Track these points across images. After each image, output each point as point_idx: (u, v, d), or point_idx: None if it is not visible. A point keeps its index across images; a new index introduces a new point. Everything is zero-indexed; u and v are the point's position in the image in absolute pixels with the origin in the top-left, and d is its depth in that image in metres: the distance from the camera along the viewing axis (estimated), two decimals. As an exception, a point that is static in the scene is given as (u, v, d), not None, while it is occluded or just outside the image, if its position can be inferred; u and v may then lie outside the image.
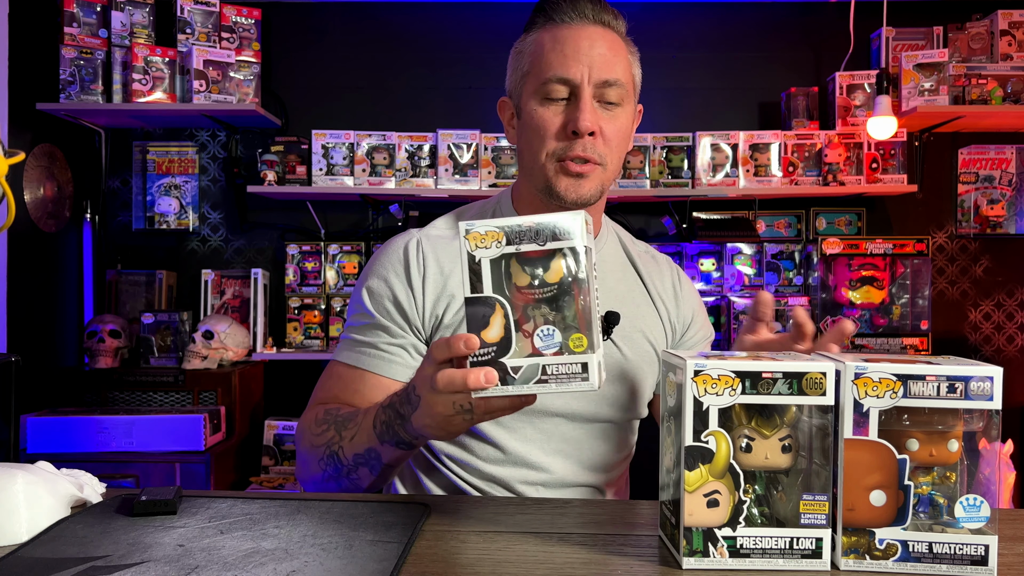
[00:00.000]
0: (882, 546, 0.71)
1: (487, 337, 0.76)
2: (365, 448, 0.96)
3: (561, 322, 0.74)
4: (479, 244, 0.75)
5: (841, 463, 0.71)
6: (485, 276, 0.76)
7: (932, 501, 0.72)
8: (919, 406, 0.70)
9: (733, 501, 0.71)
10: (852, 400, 0.70)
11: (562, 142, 1.06)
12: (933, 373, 0.70)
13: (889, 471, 0.70)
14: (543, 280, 0.75)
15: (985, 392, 0.70)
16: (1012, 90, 2.78)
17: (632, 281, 1.21)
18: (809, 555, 0.71)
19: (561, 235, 0.74)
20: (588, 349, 0.74)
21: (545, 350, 0.75)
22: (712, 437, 0.70)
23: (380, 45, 3.03)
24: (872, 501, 0.71)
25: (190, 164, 3.00)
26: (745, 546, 0.71)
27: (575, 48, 1.05)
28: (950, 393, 0.70)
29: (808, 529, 0.71)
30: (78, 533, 0.78)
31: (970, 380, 0.70)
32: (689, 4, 3.02)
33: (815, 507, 0.71)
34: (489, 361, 0.76)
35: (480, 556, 0.75)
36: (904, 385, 0.70)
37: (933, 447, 0.71)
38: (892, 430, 0.71)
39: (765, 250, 2.95)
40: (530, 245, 0.74)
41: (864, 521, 0.71)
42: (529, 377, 0.75)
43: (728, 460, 0.70)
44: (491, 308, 0.76)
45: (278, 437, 2.85)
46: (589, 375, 0.74)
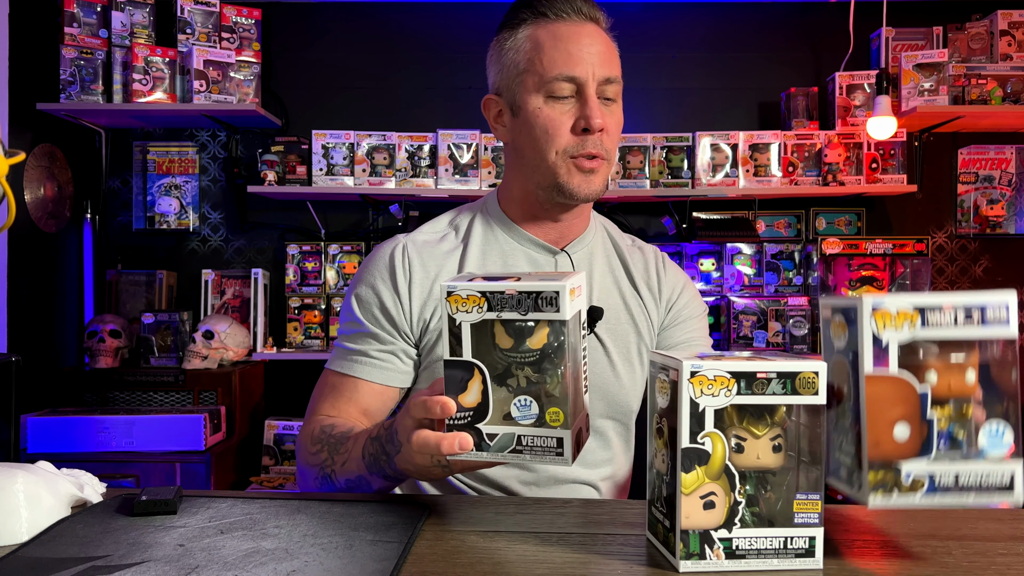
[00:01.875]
0: (908, 481, 0.70)
1: (464, 401, 0.76)
2: (356, 475, 0.97)
3: (540, 392, 0.74)
4: (460, 307, 0.74)
5: (863, 398, 0.70)
6: (465, 339, 0.75)
7: (951, 436, 0.71)
8: (937, 336, 0.70)
9: (729, 502, 0.71)
10: (871, 334, 0.69)
11: (575, 140, 1.08)
12: (950, 303, 0.70)
13: (911, 404, 0.70)
14: (526, 346, 0.74)
15: (1001, 318, 0.70)
16: (1012, 90, 2.78)
17: (618, 273, 1.22)
18: (803, 554, 0.72)
19: (544, 307, 0.73)
20: (564, 425, 0.73)
21: (522, 420, 0.74)
22: (708, 439, 0.70)
23: (380, 45, 3.03)
24: (896, 436, 0.70)
25: (190, 164, 3.00)
26: (741, 547, 0.71)
27: (578, 46, 1.07)
28: (967, 320, 0.70)
29: (802, 528, 0.71)
30: (78, 533, 0.78)
31: (986, 308, 0.70)
32: (689, 4, 3.02)
33: (808, 506, 0.71)
34: (465, 425, 0.76)
35: (480, 556, 0.75)
36: (922, 316, 0.70)
37: (951, 379, 0.71)
38: (914, 361, 0.70)
39: (765, 250, 2.95)
40: (511, 313, 0.73)
41: (889, 455, 0.70)
42: (504, 446, 0.75)
43: (724, 461, 0.70)
44: (469, 373, 0.75)
45: (278, 437, 2.85)
46: (564, 451, 0.73)
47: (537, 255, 1.16)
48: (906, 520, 0.87)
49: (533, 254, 1.16)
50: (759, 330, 2.84)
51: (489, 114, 1.16)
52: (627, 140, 2.84)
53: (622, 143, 2.84)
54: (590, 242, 1.20)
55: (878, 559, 0.76)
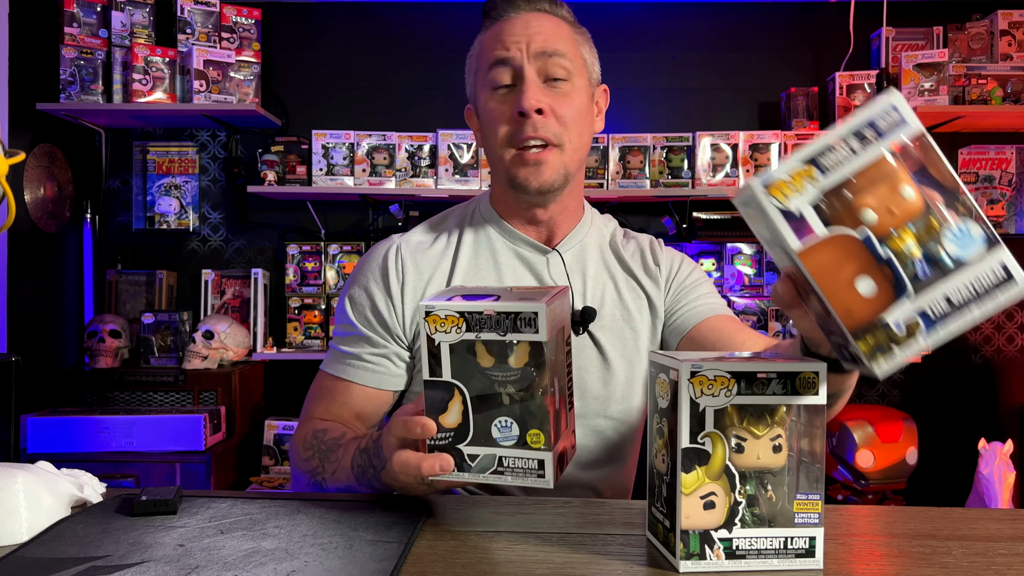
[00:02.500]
0: (901, 329, 0.62)
1: (445, 422, 0.75)
2: (345, 484, 0.97)
3: (522, 413, 0.73)
4: (438, 327, 0.74)
5: (809, 276, 0.63)
6: (444, 360, 0.74)
7: (929, 258, 0.62)
8: (847, 174, 0.62)
9: (729, 503, 0.71)
10: (776, 209, 0.62)
11: (511, 126, 1.06)
12: (836, 137, 0.62)
13: (859, 255, 0.62)
14: (508, 365, 0.73)
15: (895, 120, 0.63)
16: (1012, 90, 2.78)
17: (614, 269, 1.19)
18: (803, 554, 0.71)
19: (522, 327, 0.72)
20: (545, 447, 0.73)
21: (503, 441, 0.74)
22: (708, 439, 0.70)
23: (380, 45, 3.03)
24: (862, 293, 0.62)
25: (190, 164, 3.00)
26: (741, 547, 0.71)
27: (511, 32, 1.06)
28: (864, 142, 0.62)
29: (802, 528, 0.71)
30: (78, 533, 0.78)
31: (874, 121, 0.63)
32: (689, 4, 3.02)
33: (808, 506, 0.71)
34: (447, 446, 0.76)
35: (480, 556, 0.75)
36: (815, 164, 0.62)
37: (889, 204, 0.62)
38: (842, 213, 0.63)
39: (765, 250, 2.94)
40: (490, 334, 0.73)
41: (868, 316, 0.62)
42: (485, 467, 0.75)
43: (724, 461, 0.70)
44: (449, 393, 0.75)
45: (278, 437, 2.85)
46: (545, 473, 0.73)
47: (529, 254, 1.15)
48: (906, 520, 0.87)
49: (525, 253, 1.15)
50: (759, 330, 2.84)
51: (472, 125, 1.19)
52: (627, 140, 2.84)
53: (622, 143, 2.84)
54: (583, 239, 1.18)
55: (878, 559, 0.76)
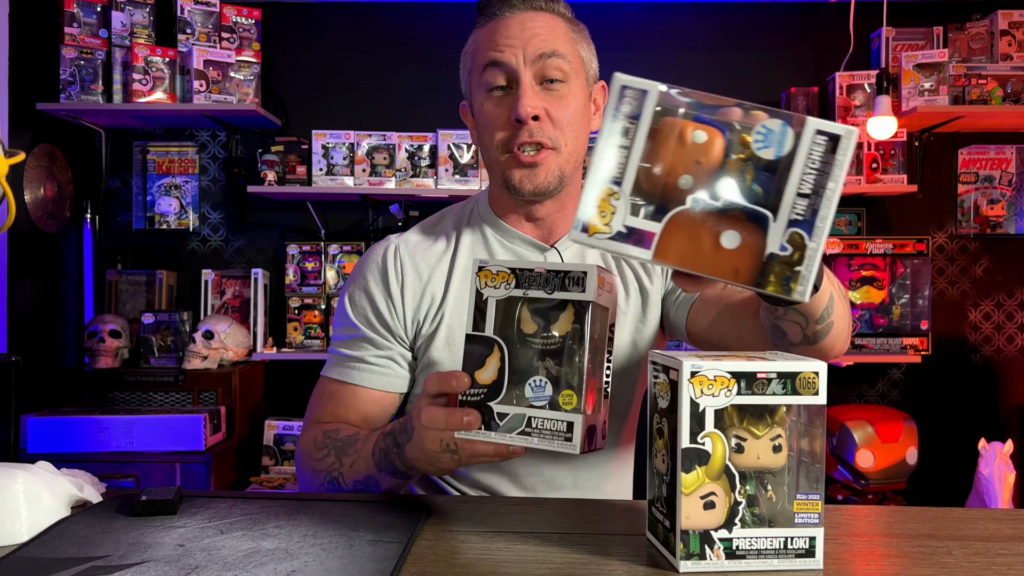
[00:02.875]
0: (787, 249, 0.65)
1: (480, 378, 0.75)
2: (364, 475, 0.96)
3: (557, 376, 0.73)
4: (488, 283, 0.75)
5: (683, 269, 0.67)
6: (489, 315, 0.75)
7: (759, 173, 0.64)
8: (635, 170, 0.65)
9: (729, 503, 0.71)
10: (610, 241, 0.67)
11: (508, 131, 1.05)
12: (603, 147, 0.65)
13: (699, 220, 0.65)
14: (549, 331, 0.74)
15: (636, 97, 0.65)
16: (1012, 90, 2.78)
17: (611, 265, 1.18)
18: (803, 554, 0.72)
19: (570, 286, 0.73)
20: (576, 409, 0.73)
21: (535, 401, 0.74)
22: (708, 439, 0.70)
23: (380, 45, 3.03)
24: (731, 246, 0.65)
25: (190, 164, 3.00)
26: (741, 547, 0.71)
27: (506, 33, 1.05)
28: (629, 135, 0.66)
29: (802, 528, 0.71)
30: (78, 533, 0.78)
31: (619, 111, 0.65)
32: (689, 4, 3.02)
33: (808, 506, 0.71)
34: (477, 403, 0.75)
35: (480, 556, 0.75)
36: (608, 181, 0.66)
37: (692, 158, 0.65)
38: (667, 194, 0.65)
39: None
40: (538, 292, 0.74)
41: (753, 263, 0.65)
42: (513, 426, 0.74)
43: (724, 461, 0.70)
44: (489, 349, 0.75)
45: (278, 437, 2.85)
46: (573, 436, 0.73)
47: (527, 252, 1.14)
48: (906, 520, 0.87)
49: (523, 252, 1.14)
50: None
51: (467, 123, 1.18)
52: (627, 140, 2.84)
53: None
54: None
55: (878, 559, 0.76)
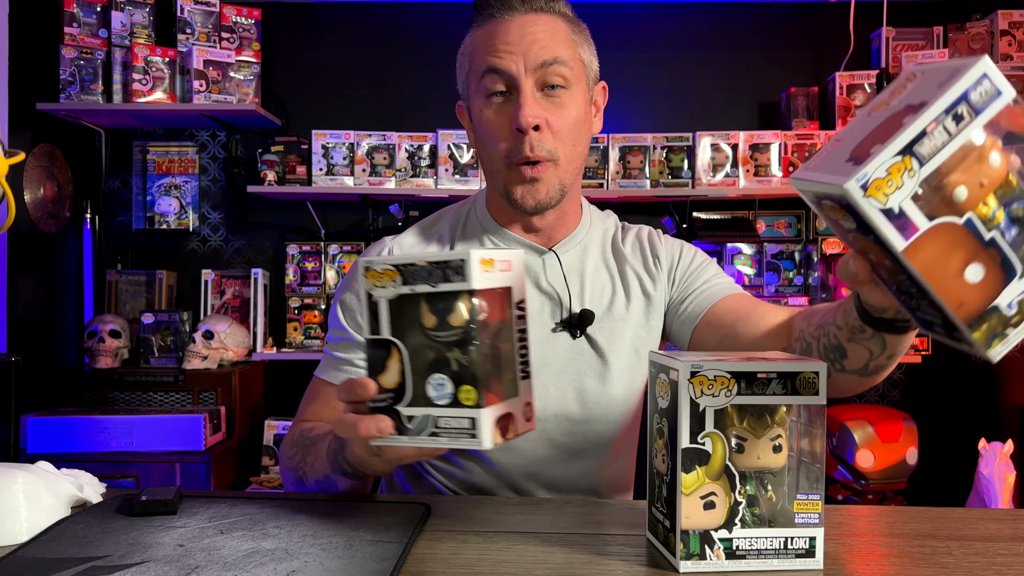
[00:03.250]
0: (1013, 309, 0.60)
1: (384, 382, 0.73)
2: (323, 475, 0.96)
3: (457, 371, 0.70)
4: (376, 283, 0.72)
5: (918, 274, 0.60)
6: (383, 317, 0.72)
7: (1013, 217, 0.60)
8: (943, 160, 0.58)
9: (729, 503, 0.70)
10: (877, 211, 0.59)
11: (510, 142, 1.02)
12: (930, 118, 0.58)
13: (965, 242, 0.59)
14: (447, 323, 0.70)
15: (989, 92, 0.58)
16: (1012, 90, 2.78)
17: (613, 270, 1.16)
18: (803, 554, 0.71)
19: (452, 277, 0.69)
20: (477, 404, 0.70)
21: (438, 400, 0.71)
22: (708, 439, 0.70)
23: (380, 45, 3.03)
24: (971, 282, 0.60)
25: (190, 164, 3.00)
26: (741, 547, 0.71)
27: (505, 39, 1.01)
28: (959, 121, 0.58)
29: (802, 528, 0.71)
30: (78, 533, 0.78)
31: (968, 95, 0.58)
32: (689, 4, 3.02)
33: (808, 506, 0.71)
34: (386, 408, 0.73)
35: (480, 556, 0.75)
36: (911, 153, 0.58)
37: (980, 177, 0.59)
38: (936, 199, 0.59)
39: (765, 250, 2.95)
40: (423, 286, 0.70)
41: (980, 304, 0.60)
42: (422, 428, 0.72)
43: (724, 461, 0.70)
44: (387, 351, 0.72)
45: (278, 437, 2.85)
46: (478, 432, 0.70)
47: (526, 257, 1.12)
48: (906, 520, 0.87)
49: None
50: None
51: (463, 122, 1.15)
52: (627, 140, 2.84)
53: (622, 143, 2.84)
54: (583, 239, 1.15)
55: (878, 559, 0.76)
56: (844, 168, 0.61)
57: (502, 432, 0.73)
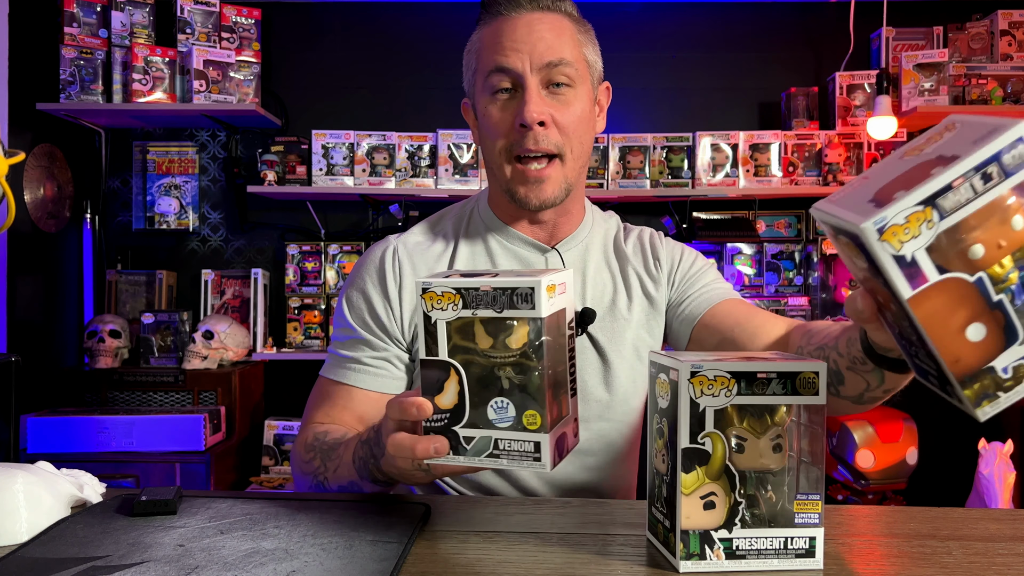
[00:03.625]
0: (1008, 374, 0.61)
1: (440, 403, 0.73)
2: (348, 481, 0.96)
3: (519, 393, 0.71)
4: (435, 304, 0.72)
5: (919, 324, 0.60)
6: (441, 339, 0.72)
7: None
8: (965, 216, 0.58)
9: (729, 503, 0.70)
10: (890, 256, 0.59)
11: (512, 137, 1.03)
12: (957, 173, 0.57)
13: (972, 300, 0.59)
14: (505, 344, 0.70)
15: (1022, 156, 0.57)
16: (1012, 90, 2.78)
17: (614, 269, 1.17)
18: (803, 554, 0.71)
19: (519, 304, 0.69)
20: (541, 428, 0.70)
21: (499, 423, 0.71)
22: (708, 439, 0.70)
23: (380, 45, 3.03)
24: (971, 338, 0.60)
25: (190, 164, 3.00)
26: (741, 547, 0.71)
27: (512, 37, 1.02)
28: (987, 182, 0.57)
29: (802, 528, 0.71)
30: (78, 533, 0.78)
31: (1000, 156, 0.57)
32: (689, 4, 3.02)
33: (808, 507, 0.71)
34: (442, 428, 0.73)
35: (480, 556, 0.75)
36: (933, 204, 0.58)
37: (999, 238, 0.59)
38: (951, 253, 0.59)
39: (765, 250, 2.95)
40: (487, 311, 0.70)
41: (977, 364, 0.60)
42: (481, 449, 0.72)
43: (724, 461, 0.70)
44: (445, 373, 0.72)
45: (278, 437, 2.85)
46: (542, 456, 0.70)
47: (527, 253, 1.13)
48: (906, 520, 0.87)
49: (523, 253, 1.13)
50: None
51: (468, 120, 1.16)
52: (627, 140, 2.84)
53: (622, 143, 2.84)
54: (585, 239, 1.16)
55: (878, 559, 0.76)
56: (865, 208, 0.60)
57: (559, 453, 0.74)
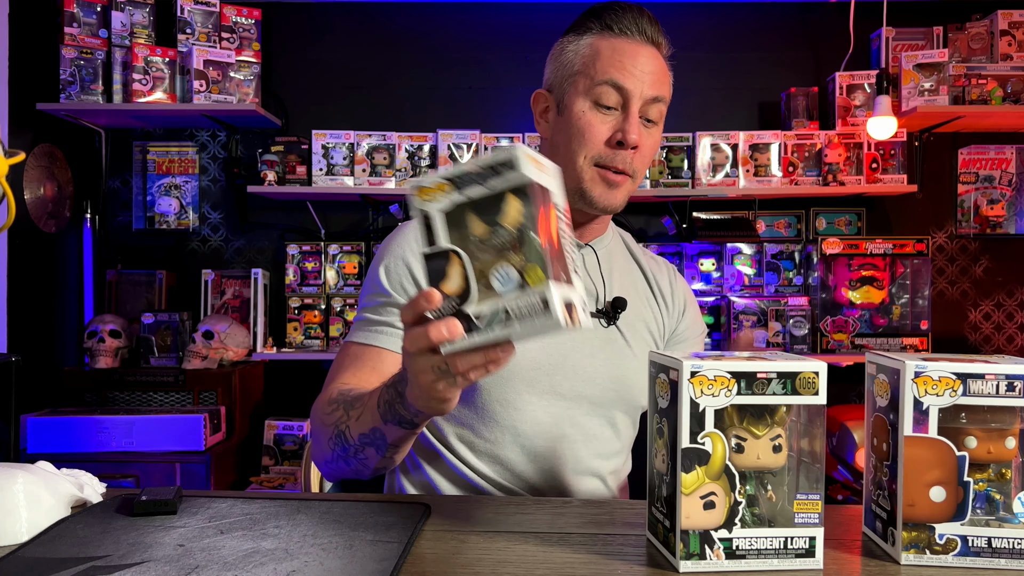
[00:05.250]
0: (942, 541, 0.72)
1: (447, 289, 0.74)
2: (370, 428, 0.95)
3: (521, 262, 0.72)
4: (429, 198, 0.74)
5: (901, 460, 0.72)
6: (438, 229, 0.74)
7: (988, 497, 0.74)
8: (978, 404, 0.71)
9: (729, 502, 0.71)
10: (912, 398, 0.71)
11: (607, 150, 1.11)
12: (992, 372, 0.71)
13: (948, 468, 0.72)
14: (501, 226, 0.72)
15: None
16: (1012, 90, 2.78)
17: (636, 275, 1.27)
18: (803, 554, 0.72)
19: (505, 172, 0.71)
20: (545, 283, 0.70)
21: (505, 292, 0.72)
22: (708, 439, 0.70)
23: (380, 45, 3.03)
24: (932, 497, 0.72)
25: (190, 164, 3.00)
26: (741, 547, 0.71)
27: (634, 62, 1.11)
28: (1009, 392, 0.71)
29: (802, 528, 0.71)
30: (78, 533, 0.78)
31: None
32: (689, 4, 3.02)
33: (808, 506, 0.71)
34: (454, 313, 0.74)
35: (480, 556, 0.75)
36: (963, 383, 0.71)
37: (991, 444, 0.72)
38: (950, 427, 0.72)
39: (765, 250, 2.95)
40: (477, 189, 0.72)
41: (924, 517, 0.72)
42: (493, 321, 0.72)
43: (724, 461, 0.70)
44: (447, 259, 0.74)
45: (278, 437, 2.85)
46: (551, 309, 0.70)
47: None
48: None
49: None
50: (759, 330, 2.84)
51: (537, 108, 1.20)
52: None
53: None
54: (609, 244, 1.26)
55: (879, 559, 0.76)
56: None
57: (568, 312, 0.73)
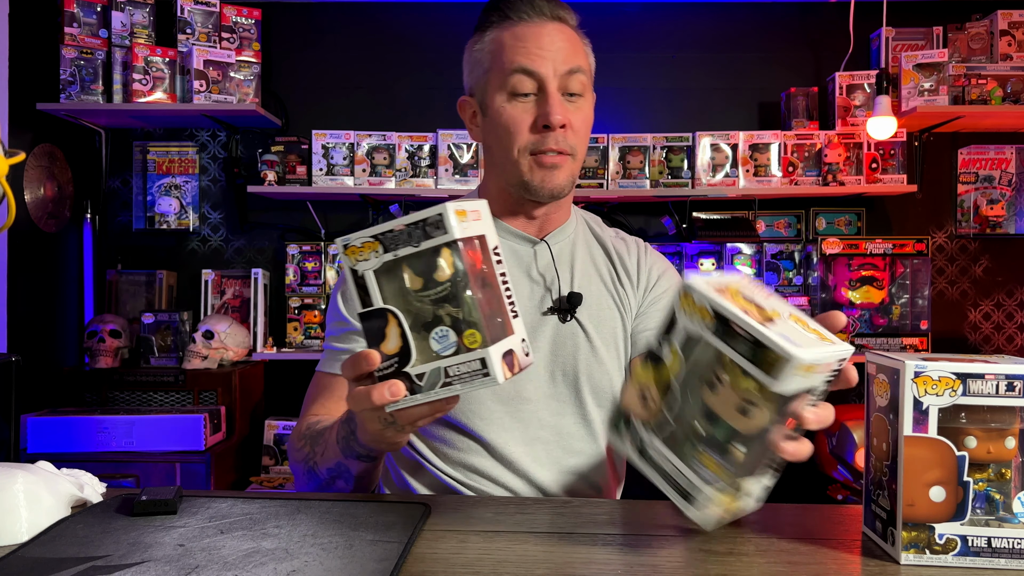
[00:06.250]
0: (941, 541, 0.73)
1: (386, 349, 0.75)
2: (335, 462, 0.97)
3: (458, 320, 0.73)
4: (359, 257, 0.74)
5: (901, 460, 0.72)
6: (372, 288, 0.75)
7: (988, 497, 0.74)
8: (978, 404, 0.72)
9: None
10: (912, 398, 0.72)
11: (534, 136, 1.10)
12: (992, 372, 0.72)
13: (948, 468, 0.72)
14: (435, 280, 0.73)
15: None
16: (1012, 90, 2.78)
17: (600, 261, 1.23)
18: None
19: (433, 232, 0.72)
20: (482, 344, 0.72)
21: (443, 352, 0.73)
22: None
23: (380, 45, 3.03)
24: (932, 497, 0.72)
25: (190, 164, 3.00)
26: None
27: (537, 43, 1.09)
28: (1008, 392, 0.72)
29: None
30: (78, 533, 0.78)
31: None
32: (689, 4, 3.02)
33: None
34: (394, 373, 0.75)
35: (480, 556, 0.75)
36: (963, 383, 0.72)
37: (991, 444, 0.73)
38: (950, 427, 0.72)
39: (765, 250, 2.95)
40: (406, 248, 0.73)
41: (924, 517, 0.73)
42: (434, 382, 0.74)
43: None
44: (384, 320, 0.75)
45: (278, 437, 2.85)
46: (490, 370, 0.72)
47: (517, 246, 1.18)
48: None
49: (513, 245, 1.18)
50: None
51: (465, 116, 1.20)
52: (627, 140, 2.84)
53: (622, 143, 2.84)
54: (571, 233, 1.23)
55: (879, 559, 0.76)
56: None
57: (508, 368, 0.75)
